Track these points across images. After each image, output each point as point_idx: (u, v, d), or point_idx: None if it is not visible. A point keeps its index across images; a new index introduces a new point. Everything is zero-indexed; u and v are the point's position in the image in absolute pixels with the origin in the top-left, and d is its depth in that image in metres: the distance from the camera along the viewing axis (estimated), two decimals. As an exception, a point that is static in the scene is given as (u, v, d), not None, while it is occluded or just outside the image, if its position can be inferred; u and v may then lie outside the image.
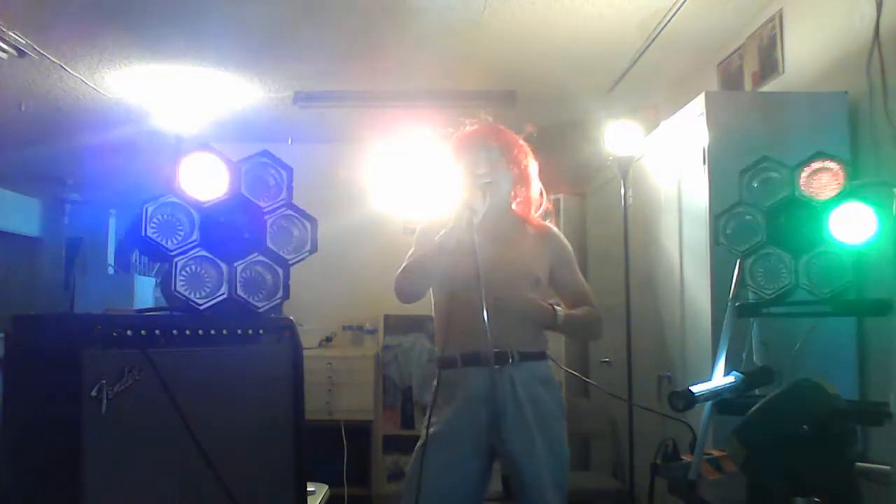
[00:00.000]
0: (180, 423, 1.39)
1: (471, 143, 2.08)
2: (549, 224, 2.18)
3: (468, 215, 1.91)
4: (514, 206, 2.14)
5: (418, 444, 1.98)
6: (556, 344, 3.98)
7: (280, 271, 1.57)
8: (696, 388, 1.65)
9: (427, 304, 2.12)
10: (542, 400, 1.98)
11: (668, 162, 2.84)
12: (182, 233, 1.48)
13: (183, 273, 1.46)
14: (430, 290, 2.09)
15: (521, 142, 2.13)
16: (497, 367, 1.93)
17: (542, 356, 2.04)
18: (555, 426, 1.99)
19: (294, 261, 1.59)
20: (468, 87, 3.98)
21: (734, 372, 1.79)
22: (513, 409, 1.93)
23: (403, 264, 2.04)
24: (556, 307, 2.02)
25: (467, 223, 1.90)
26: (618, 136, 3.04)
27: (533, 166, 2.13)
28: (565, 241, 2.16)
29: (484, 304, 1.84)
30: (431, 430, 1.97)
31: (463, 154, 2.08)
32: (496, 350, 1.91)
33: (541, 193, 2.15)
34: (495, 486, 2.06)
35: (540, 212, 2.17)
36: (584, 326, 2.13)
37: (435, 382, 2.05)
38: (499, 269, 1.95)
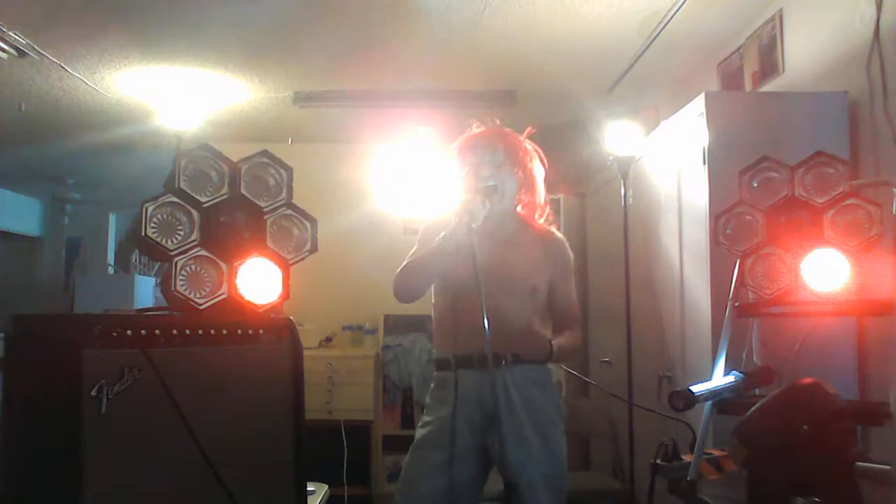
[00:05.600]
0: (180, 422, 1.39)
1: (476, 144, 2.06)
2: (554, 230, 2.14)
3: (467, 220, 1.88)
4: (518, 210, 2.11)
5: (412, 444, 1.99)
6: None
7: (280, 271, 1.57)
8: (696, 388, 1.65)
9: (427, 304, 2.12)
10: (536, 403, 1.97)
11: (668, 162, 2.84)
12: (182, 233, 1.48)
13: (183, 273, 1.46)
14: (432, 290, 2.08)
15: (528, 145, 2.10)
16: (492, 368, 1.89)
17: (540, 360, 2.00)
18: (551, 430, 1.98)
19: (294, 261, 1.59)
20: (468, 87, 3.98)
21: (734, 372, 1.79)
22: (506, 412, 1.91)
23: (403, 263, 2.04)
24: (552, 343, 1.97)
25: (466, 227, 1.88)
26: (618, 136, 3.04)
27: (539, 171, 2.10)
28: (568, 251, 2.12)
29: (483, 308, 1.81)
30: (424, 430, 1.98)
31: (468, 156, 2.06)
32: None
33: (545, 200, 2.12)
34: (497, 486, 2.05)
35: (543, 217, 2.14)
36: (567, 355, 2.09)
37: (432, 384, 2.05)
38: (497, 274, 1.94)
